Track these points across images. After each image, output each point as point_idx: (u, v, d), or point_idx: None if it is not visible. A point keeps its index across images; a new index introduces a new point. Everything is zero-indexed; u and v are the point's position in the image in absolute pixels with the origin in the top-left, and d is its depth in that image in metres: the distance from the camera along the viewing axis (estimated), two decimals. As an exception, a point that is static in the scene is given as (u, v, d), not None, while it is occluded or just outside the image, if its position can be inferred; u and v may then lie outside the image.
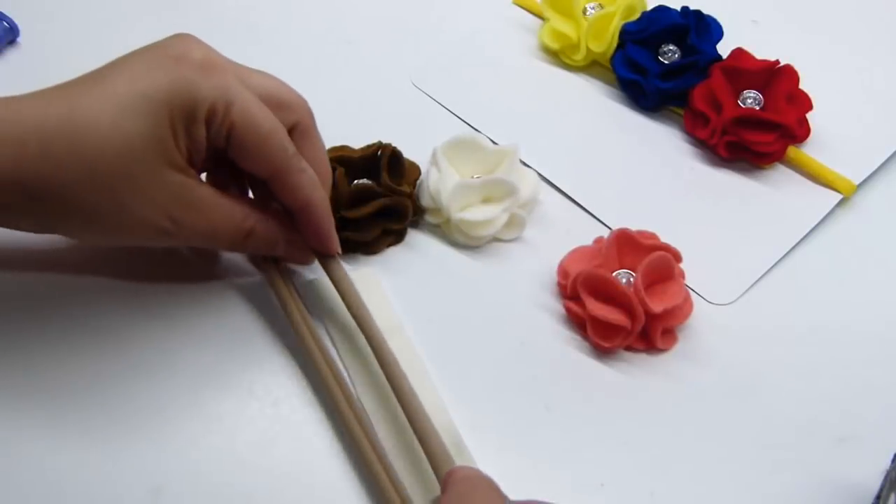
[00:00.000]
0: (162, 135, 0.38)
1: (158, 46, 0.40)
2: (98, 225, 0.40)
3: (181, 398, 0.42)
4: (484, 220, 0.47)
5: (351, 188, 0.47)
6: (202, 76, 0.38)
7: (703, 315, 0.46)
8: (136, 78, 0.38)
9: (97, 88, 0.38)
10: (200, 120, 0.39)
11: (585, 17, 0.55)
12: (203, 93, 0.38)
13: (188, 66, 0.38)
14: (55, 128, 0.37)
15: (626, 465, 0.41)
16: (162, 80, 0.38)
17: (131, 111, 0.38)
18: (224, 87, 0.39)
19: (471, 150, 0.49)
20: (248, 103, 0.39)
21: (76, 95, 0.38)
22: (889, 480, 0.38)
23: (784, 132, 0.51)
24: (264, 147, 0.40)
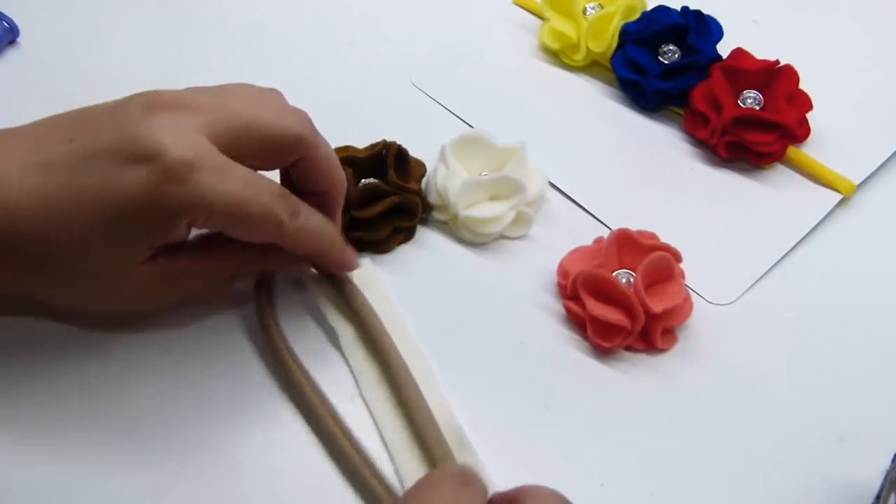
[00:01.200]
0: (134, 246, 0.38)
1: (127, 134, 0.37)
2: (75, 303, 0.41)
3: (181, 399, 0.42)
4: (491, 218, 0.47)
5: (359, 188, 0.47)
6: (176, 186, 0.36)
7: (703, 315, 0.46)
8: (108, 189, 0.37)
9: (69, 195, 0.37)
10: (180, 226, 0.38)
11: (585, 17, 0.55)
12: (178, 206, 0.37)
13: (161, 172, 0.36)
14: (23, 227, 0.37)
15: (626, 465, 0.41)
16: (133, 196, 0.36)
17: (103, 227, 0.37)
18: (201, 195, 0.36)
19: (479, 148, 0.49)
20: (229, 201, 0.37)
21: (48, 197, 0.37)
22: (889, 480, 0.38)
23: (784, 132, 0.51)
24: (256, 229, 0.39)
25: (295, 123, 0.40)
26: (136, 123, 0.37)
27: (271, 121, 0.39)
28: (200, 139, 0.37)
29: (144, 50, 0.56)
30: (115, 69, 0.55)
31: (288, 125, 0.39)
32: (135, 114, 0.37)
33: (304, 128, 0.40)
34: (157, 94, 0.38)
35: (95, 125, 0.38)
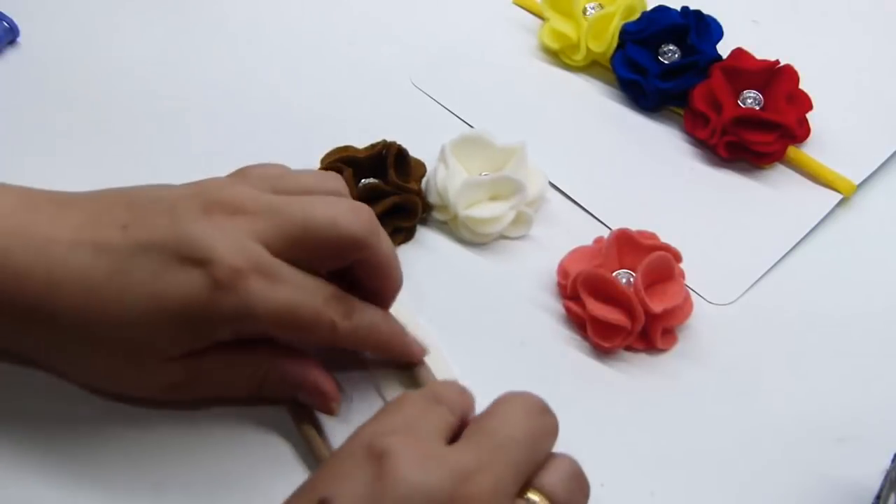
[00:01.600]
0: (174, 345, 0.38)
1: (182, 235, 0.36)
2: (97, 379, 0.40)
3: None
4: (491, 218, 0.47)
5: (359, 188, 0.47)
6: (225, 294, 0.36)
7: (703, 315, 0.46)
8: (157, 289, 0.36)
9: (114, 287, 0.36)
10: (225, 332, 0.37)
11: (585, 17, 0.55)
12: (227, 314, 0.36)
13: (211, 278, 0.36)
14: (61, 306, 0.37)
15: (626, 465, 0.41)
16: (181, 300, 0.36)
17: (143, 322, 0.36)
18: (249, 303, 0.36)
19: (479, 148, 0.49)
20: (278, 309, 0.37)
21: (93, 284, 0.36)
22: (889, 480, 0.38)
23: (784, 132, 0.51)
24: (307, 333, 0.38)
25: (354, 225, 0.38)
26: (192, 224, 0.37)
27: (328, 224, 0.38)
28: (253, 245, 0.37)
29: (144, 50, 0.56)
30: (115, 69, 0.55)
31: (346, 228, 0.38)
32: (192, 213, 0.37)
33: (364, 230, 0.38)
34: (217, 192, 0.38)
35: (152, 217, 0.37)
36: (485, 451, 0.32)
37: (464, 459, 0.31)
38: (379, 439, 0.31)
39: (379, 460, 0.30)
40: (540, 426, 0.34)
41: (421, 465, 0.30)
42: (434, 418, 0.33)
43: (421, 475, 0.30)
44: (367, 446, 0.31)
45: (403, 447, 0.31)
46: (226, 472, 0.40)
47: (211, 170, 0.42)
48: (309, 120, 0.53)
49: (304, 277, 0.38)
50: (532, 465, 0.33)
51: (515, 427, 0.33)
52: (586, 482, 0.35)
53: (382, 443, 0.31)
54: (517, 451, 0.33)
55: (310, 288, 0.38)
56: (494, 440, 0.33)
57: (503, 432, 0.33)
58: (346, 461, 0.31)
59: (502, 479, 0.32)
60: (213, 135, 0.52)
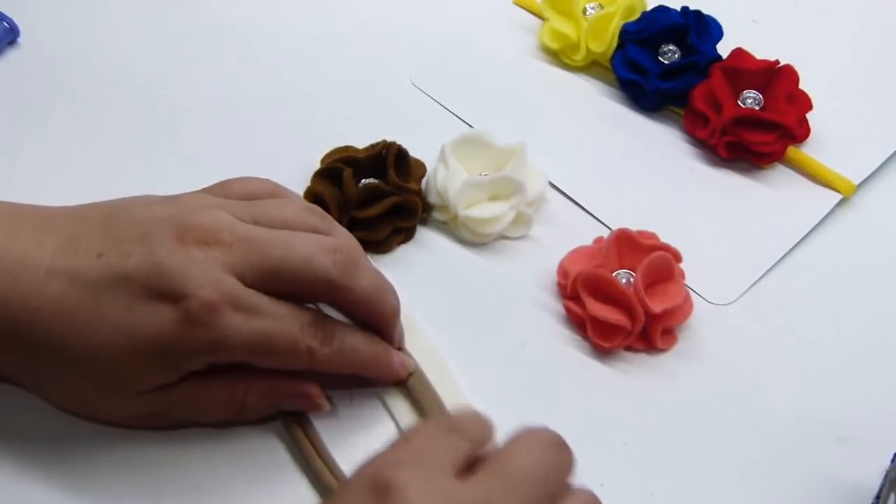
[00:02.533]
0: (146, 379, 0.37)
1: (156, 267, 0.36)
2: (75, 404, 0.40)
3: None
4: (491, 218, 0.47)
5: (359, 188, 0.47)
6: (199, 329, 0.36)
7: (703, 315, 0.46)
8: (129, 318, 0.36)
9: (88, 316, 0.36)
10: (199, 364, 0.38)
11: (585, 17, 0.55)
12: (200, 348, 0.36)
13: (184, 313, 0.36)
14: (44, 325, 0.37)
15: (626, 465, 0.41)
16: (154, 332, 0.36)
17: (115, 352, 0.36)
18: (223, 336, 0.36)
19: (479, 148, 0.49)
20: (253, 341, 0.37)
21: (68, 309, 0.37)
22: (889, 480, 0.38)
23: (784, 132, 0.51)
24: (285, 361, 0.38)
25: (328, 266, 0.38)
26: (166, 256, 0.36)
27: (303, 264, 0.38)
28: (226, 277, 0.36)
29: (144, 50, 0.56)
30: (115, 69, 0.55)
31: (320, 269, 0.38)
32: (166, 241, 0.37)
33: (338, 271, 0.38)
34: (194, 217, 0.37)
35: (127, 246, 0.37)
36: (497, 487, 0.31)
37: (475, 496, 0.30)
38: (386, 471, 0.30)
39: (385, 494, 0.29)
40: (555, 462, 0.33)
41: (428, 501, 0.29)
42: (446, 449, 0.32)
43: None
44: (373, 478, 0.30)
45: (411, 481, 0.30)
46: (222, 476, 0.40)
47: (211, 169, 0.42)
48: (309, 120, 0.53)
49: (280, 306, 0.38)
50: (547, 500, 0.32)
51: (530, 463, 0.32)
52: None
53: (389, 476, 0.30)
54: (531, 488, 0.31)
55: (286, 316, 0.38)
56: (508, 476, 0.31)
57: (517, 468, 0.31)
58: (352, 494, 0.30)
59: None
60: (212, 135, 0.52)
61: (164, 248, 0.37)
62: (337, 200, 0.46)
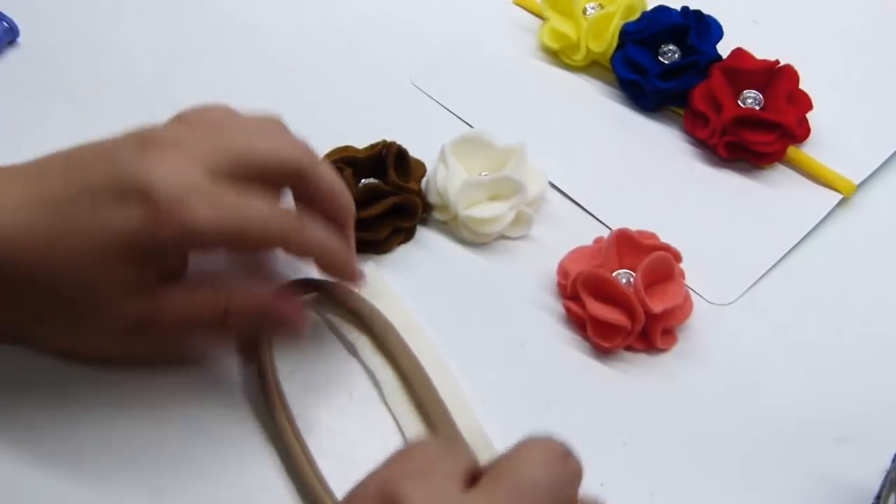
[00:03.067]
0: (126, 281, 0.38)
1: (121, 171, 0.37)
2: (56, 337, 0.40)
3: (181, 398, 0.42)
4: (491, 218, 0.47)
5: (359, 188, 0.47)
6: (167, 225, 0.36)
7: (703, 315, 0.46)
8: (101, 225, 0.36)
9: (62, 229, 0.37)
10: (173, 259, 0.38)
11: (585, 17, 0.55)
12: (171, 242, 0.37)
13: (153, 209, 0.36)
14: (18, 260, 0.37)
15: (626, 465, 0.41)
16: (125, 233, 0.36)
17: (91, 262, 0.37)
18: (193, 229, 0.36)
19: (479, 148, 0.49)
20: (225, 229, 0.37)
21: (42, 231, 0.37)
22: (889, 480, 0.38)
23: (784, 132, 0.51)
24: (258, 247, 0.40)
25: (294, 153, 0.39)
26: (129, 161, 0.37)
27: (268, 151, 0.39)
28: (192, 172, 0.37)
29: (144, 50, 0.56)
30: (115, 69, 0.55)
31: (286, 155, 0.39)
32: (128, 151, 0.37)
33: (303, 157, 0.40)
34: (150, 131, 0.38)
35: (89, 162, 0.38)
36: (503, 497, 0.30)
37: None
38: (392, 484, 0.29)
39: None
40: (563, 472, 0.32)
41: None
42: (450, 462, 0.31)
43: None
44: (380, 491, 0.29)
45: (417, 493, 0.29)
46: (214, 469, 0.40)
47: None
48: (309, 120, 0.52)
49: (249, 197, 0.38)
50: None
51: (536, 472, 0.31)
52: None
53: (395, 488, 0.29)
54: (538, 498, 0.30)
55: (255, 206, 0.38)
56: (514, 486, 0.30)
57: (523, 478, 0.31)
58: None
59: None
60: (213, 135, 0.52)
61: (127, 156, 0.37)
62: None
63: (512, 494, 0.30)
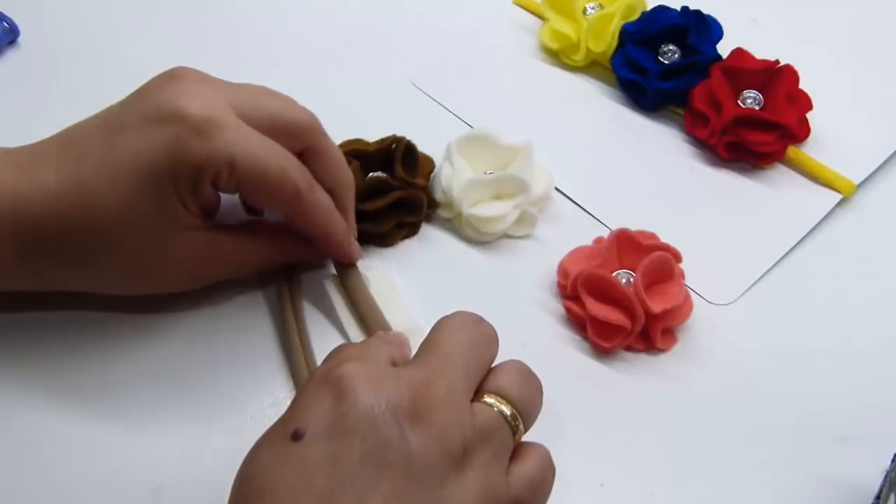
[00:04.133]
0: (172, 206, 0.39)
1: (152, 102, 0.39)
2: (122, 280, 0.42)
3: (181, 398, 0.42)
4: (494, 217, 0.47)
5: (365, 181, 0.47)
6: (201, 140, 0.38)
7: (703, 315, 0.46)
8: (139, 152, 0.38)
9: (104, 170, 0.39)
10: (206, 182, 0.39)
11: (585, 17, 0.55)
12: (204, 158, 0.38)
13: (186, 128, 0.38)
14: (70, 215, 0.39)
15: (626, 465, 0.41)
16: (162, 154, 0.38)
17: (139, 193, 0.39)
18: (224, 149, 0.38)
19: (485, 146, 0.49)
20: (251, 157, 0.39)
21: (85, 178, 0.39)
22: (889, 480, 0.38)
23: (784, 132, 0.51)
24: (275, 191, 0.41)
25: (305, 112, 0.42)
26: (159, 91, 0.39)
27: (281, 106, 0.42)
28: (221, 102, 0.39)
29: (144, 50, 0.56)
30: (115, 69, 0.55)
31: (299, 112, 0.42)
32: (157, 85, 0.40)
33: (312, 118, 0.42)
34: (178, 68, 0.41)
35: (120, 107, 0.40)
36: (434, 363, 0.34)
37: (415, 373, 0.33)
38: (334, 370, 0.33)
39: (337, 386, 0.32)
40: (479, 334, 0.36)
41: (376, 384, 0.32)
42: (382, 351, 0.35)
43: (376, 392, 0.32)
44: (324, 376, 0.33)
45: (357, 371, 0.33)
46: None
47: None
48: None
49: (273, 142, 0.40)
50: (480, 370, 0.35)
51: (456, 339, 0.35)
52: (536, 379, 0.36)
53: (338, 371, 0.33)
54: (463, 358, 0.35)
55: (277, 148, 0.40)
56: (440, 353, 0.35)
57: (446, 345, 0.35)
58: (309, 394, 0.33)
59: (455, 384, 0.33)
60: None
61: (157, 88, 0.40)
62: None
63: (440, 359, 0.34)
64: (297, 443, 0.31)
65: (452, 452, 0.32)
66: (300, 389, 0.34)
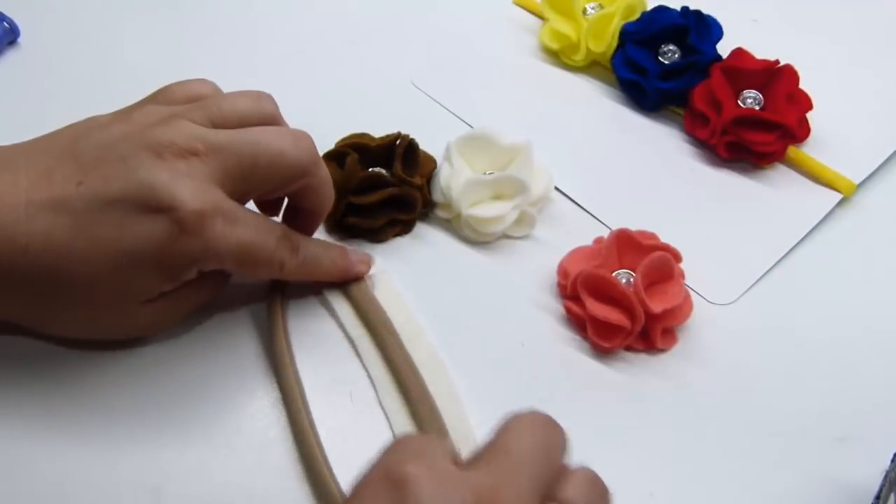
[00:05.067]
0: (146, 290, 0.39)
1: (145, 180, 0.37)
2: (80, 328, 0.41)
3: (181, 398, 0.42)
4: (493, 217, 0.47)
5: (360, 175, 0.47)
6: (191, 238, 0.38)
7: (703, 315, 0.46)
8: (123, 237, 0.37)
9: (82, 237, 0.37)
10: (192, 273, 0.39)
11: (585, 17, 0.55)
12: (194, 256, 0.38)
13: (177, 224, 0.37)
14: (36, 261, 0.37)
15: (626, 465, 0.41)
16: (149, 246, 0.37)
17: (115, 272, 0.38)
18: (214, 245, 0.38)
19: (484, 146, 0.49)
20: (240, 248, 0.39)
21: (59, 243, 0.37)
22: (889, 480, 0.38)
23: (784, 132, 0.51)
24: (262, 270, 0.41)
25: (301, 154, 0.41)
26: (148, 171, 0.37)
27: (277, 157, 0.40)
28: (212, 188, 0.38)
29: (144, 50, 0.56)
30: (115, 69, 0.55)
31: (293, 159, 0.40)
32: (145, 162, 0.38)
33: (308, 158, 0.41)
34: (161, 138, 0.38)
35: (105, 170, 0.38)
36: (501, 468, 0.31)
37: (482, 479, 0.31)
38: (396, 468, 0.30)
39: (400, 488, 0.30)
40: (550, 439, 0.33)
41: (442, 488, 0.30)
42: (440, 448, 0.32)
43: (443, 498, 0.30)
44: (386, 476, 0.30)
45: (422, 471, 0.30)
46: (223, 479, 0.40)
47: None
48: (308, 120, 0.52)
49: (258, 218, 0.40)
50: (549, 477, 0.32)
51: (526, 443, 0.32)
52: (605, 488, 0.34)
53: (401, 471, 0.30)
54: (532, 466, 0.32)
55: (264, 229, 0.40)
56: (508, 457, 0.32)
57: (515, 449, 0.32)
58: (367, 493, 0.31)
59: (523, 494, 0.31)
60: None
61: (144, 166, 0.37)
62: (338, 183, 0.46)
63: (508, 464, 0.31)
64: None
65: None
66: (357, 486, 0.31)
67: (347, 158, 0.47)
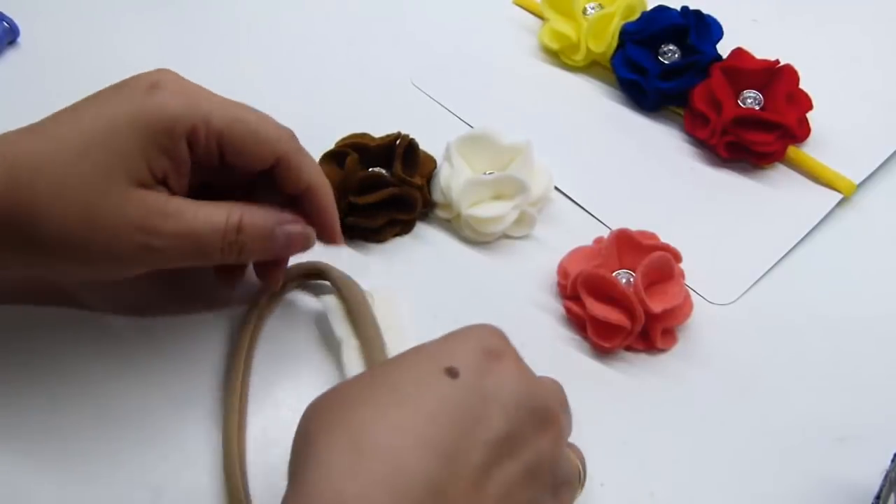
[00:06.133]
0: (129, 160, 0.37)
1: (131, 79, 0.39)
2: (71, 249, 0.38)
3: (181, 398, 0.42)
4: (493, 217, 0.47)
5: (361, 174, 0.47)
6: (173, 99, 0.38)
7: (703, 315, 0.46)
8: (103, 107, 0.38)
9: (66, 122, 0.38)
10: (179, 138, 0.38)
11: (585, 18, 0.55)
12: (176, 114, 0.38)
13: (159, 92, 0.38)
14: (24, 161, 0.37)
15: (626, 465, 0.41)
16: (128, 107, 0.38)
17: (96, 139, 0.37)
18: (197, 105, 0.38)
19: (484, 146, 0.49)
20: (227, 108, 0.39)
21: (49, 129, 0.38)
22: (889, 480, 0.38)
23: (784, 132, 0.51)
24: (259, 139, 0.39)
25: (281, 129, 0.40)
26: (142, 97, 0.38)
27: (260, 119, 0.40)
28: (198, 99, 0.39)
29: (144, 50, 0.56)
30: (115, 69, 0.54)
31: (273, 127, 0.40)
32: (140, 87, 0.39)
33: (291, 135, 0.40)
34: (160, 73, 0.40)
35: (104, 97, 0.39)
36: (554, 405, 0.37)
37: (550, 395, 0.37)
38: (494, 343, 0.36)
39: (496, 358, 0.35)
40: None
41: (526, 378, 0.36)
42: None
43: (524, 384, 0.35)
44: (483, 348, 0.35)
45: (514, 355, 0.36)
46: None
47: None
48: (308, 120, 0.52)
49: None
50: None
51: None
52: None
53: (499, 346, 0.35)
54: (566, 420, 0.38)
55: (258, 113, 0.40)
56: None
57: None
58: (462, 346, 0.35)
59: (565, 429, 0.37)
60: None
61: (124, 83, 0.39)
62: (338, 183, 0.46)
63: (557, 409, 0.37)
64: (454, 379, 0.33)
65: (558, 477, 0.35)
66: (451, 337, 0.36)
67: (347, 158, 0.47)
